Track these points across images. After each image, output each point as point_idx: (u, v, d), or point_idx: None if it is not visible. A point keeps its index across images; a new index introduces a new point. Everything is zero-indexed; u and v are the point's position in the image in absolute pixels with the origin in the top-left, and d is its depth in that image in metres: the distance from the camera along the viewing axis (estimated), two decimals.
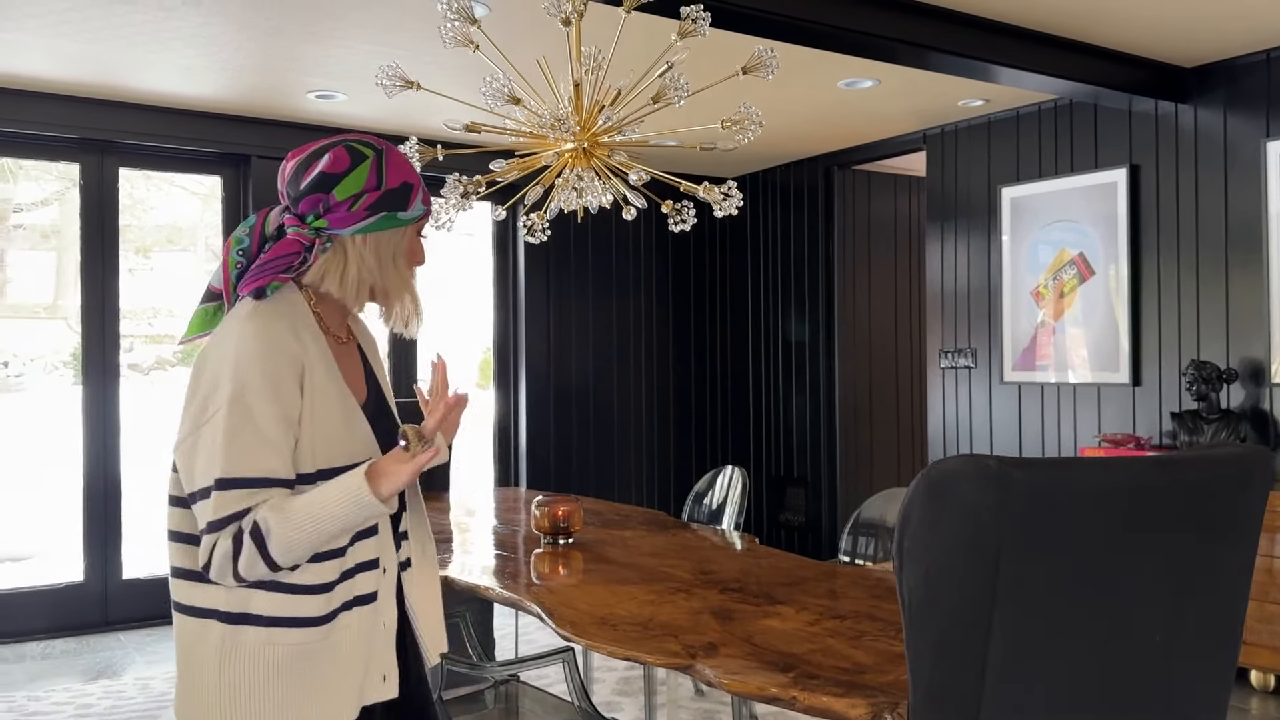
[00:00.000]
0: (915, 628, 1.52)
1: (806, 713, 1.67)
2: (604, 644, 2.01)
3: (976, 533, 1.43)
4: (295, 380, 1.49)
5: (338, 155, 1.52)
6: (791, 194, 6.55)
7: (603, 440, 6.54)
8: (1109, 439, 4.57)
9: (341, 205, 1.50)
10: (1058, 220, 5.05)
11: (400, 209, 1.55)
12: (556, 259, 6.36)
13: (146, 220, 9.30)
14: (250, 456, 1.43)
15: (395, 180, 1.53)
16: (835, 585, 2.48)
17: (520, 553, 2.99)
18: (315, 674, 1.50)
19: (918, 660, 1.53)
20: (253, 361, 1.45)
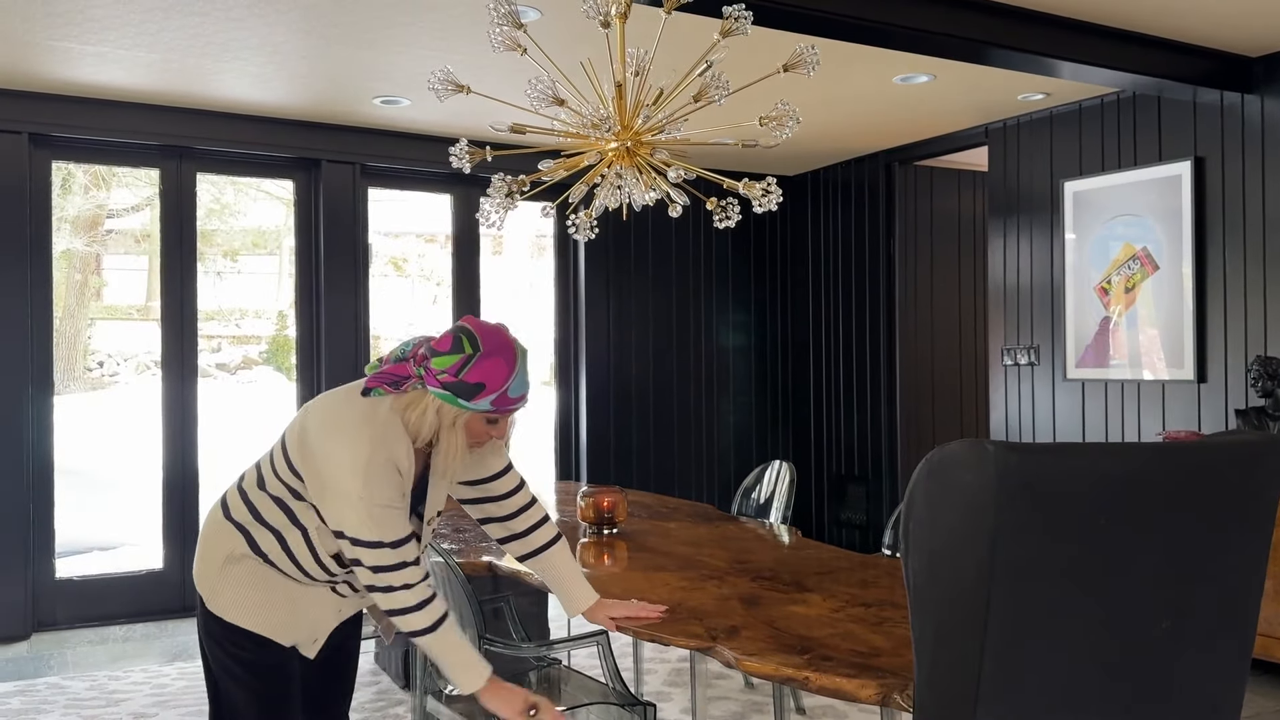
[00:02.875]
0: (919, 610, 1.55)
1: (819, 692, 1.71)
2: (629, 625, 2.07)
3: (974, 515, 1.46)
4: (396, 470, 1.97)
5: (447, 337, 1.96)
6: (853, 191, 6.53)
7: (662, 436, 6.60)
8: (1172, 436, 4.48)
9: (432, 371, 1.93)
10: (1122, 214, 4.96)
11: (465, 398, 1.93)
12: (616, 257, 6.45)
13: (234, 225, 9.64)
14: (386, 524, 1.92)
15: (472, 378, 1.92)
16: (868, 575, 2.50)
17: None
18: (282, 593, 2.02)
19: (922, 642, 1.56)
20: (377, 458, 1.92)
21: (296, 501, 1.97)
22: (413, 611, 1.92)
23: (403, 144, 5.67)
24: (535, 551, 2.25)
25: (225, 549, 2.02)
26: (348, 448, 1.90)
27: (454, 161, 3.13)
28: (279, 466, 1.99)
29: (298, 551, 1.99)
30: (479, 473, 2.22)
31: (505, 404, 1.95)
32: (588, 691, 2.58)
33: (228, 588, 2.01)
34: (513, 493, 2.24)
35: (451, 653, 1.95)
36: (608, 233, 6.36)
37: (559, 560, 2.26)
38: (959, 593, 1.49)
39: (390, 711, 3.81)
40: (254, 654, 2.01)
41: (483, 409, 1.95)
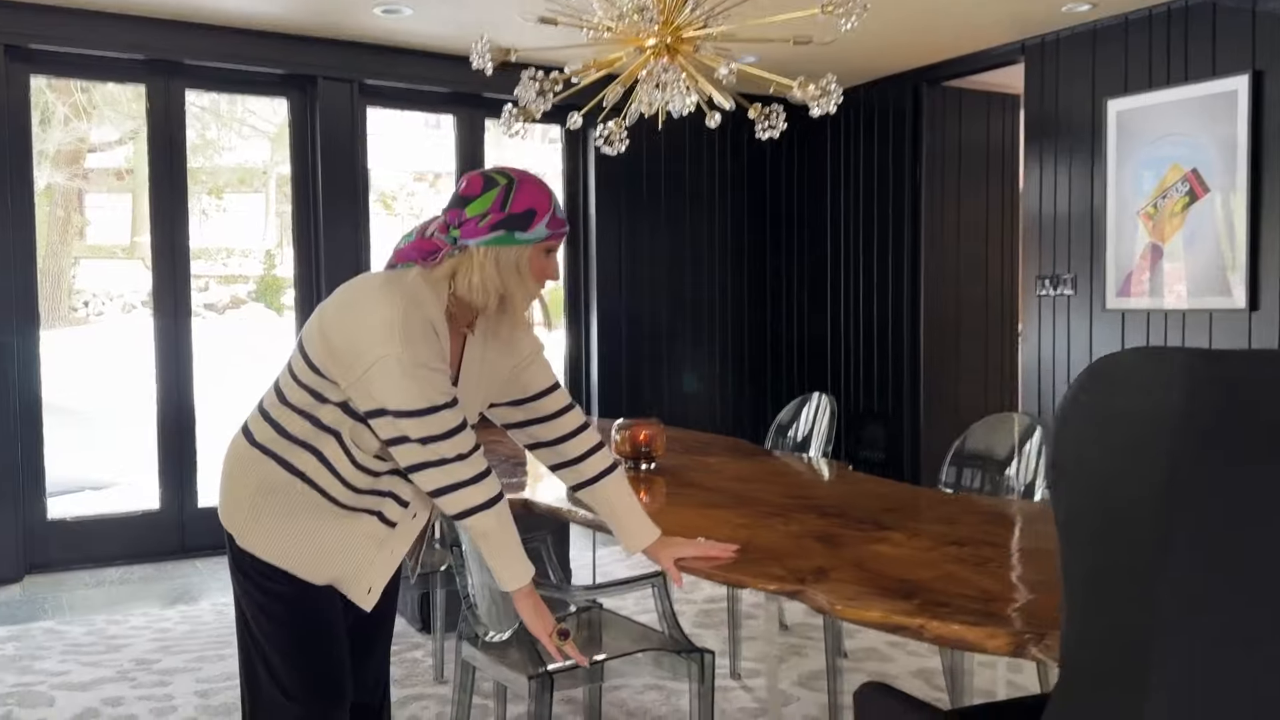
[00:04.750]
0: (1072, 548, 1.32)
1: (935, 642, 1.49)
2: (704, 567, 1.84)
3: (1152, 436, 1.22)
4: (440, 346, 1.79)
5: (473, 180, 1.80)
6: (876, 115, 6.22)
7: (676, 373, 6.37)
8: None
9: (470, 221, 1.76)
10: (1169, 134, 4.68)
11: (520, 229, 1.77)
12: (628, 191, 6.15)
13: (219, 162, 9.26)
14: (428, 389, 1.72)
15: (520, 206, 1.77)
16: (946, 512, 2.28)
17: None
18: (323, 522, 1.81)
19: (1073, 585, 1.33)
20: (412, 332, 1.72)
21: (322, 405, 1.77)
22: (468, 485, 1.74)
23: (404, 60, 5.33)
24: (589, 480, 2.03)
25: (255, 478, 1.82)
26: (377, 310, 1.72)
27: (475, 62, 2.84)
28: (299, 371, 1.79)
29: (336, 462, 1.79)
30: (523, 390, 2.00)
31: (558, 226, 1.82)
32: (635, 637, 2.36)
33: (262, 521, 1.81)
34: (562, 413, 2.03)
35: (502, 539, 1.80)
36: (619, 166, 6.06)
37: (616, 491, 2.02)
38: (1128, 527, 1.25)
39: (408, 655, 3.61)
40: (294, 590, 1.82)
41: (541, 237, 1.79)
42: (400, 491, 1.85)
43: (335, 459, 1.79)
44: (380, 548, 1.86)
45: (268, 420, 1.83)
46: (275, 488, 1.80)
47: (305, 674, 1.83)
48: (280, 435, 1.80)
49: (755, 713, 3.09)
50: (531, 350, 1.99)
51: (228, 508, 1.85)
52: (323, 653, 1.85)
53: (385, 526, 1.85)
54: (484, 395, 1.95)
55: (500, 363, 1.94)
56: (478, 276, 1.76)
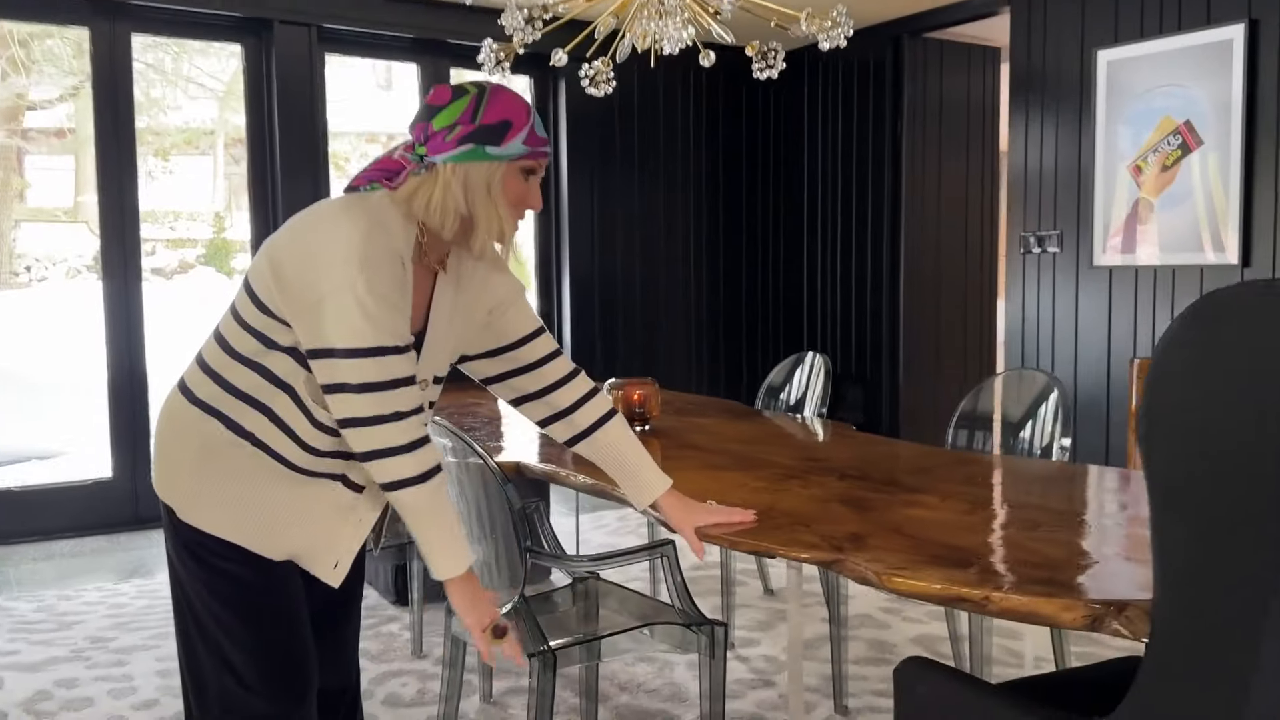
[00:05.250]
0: (1172, 509, 1.17)
1: (1002, 615, 1.34)
2: (726, 535, 1.68)
3: (1269, 379, 1.07)
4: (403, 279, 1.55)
5: (440, 90, 1.60)
6: (855, 67, 6.04)
7: (650, 336, 6.19)
8: None
9: (438, 135, 1.56)
10: (1161, 85, 4.56)
11: (493, 144, 1.56)
12: (601, 147, 5.93)
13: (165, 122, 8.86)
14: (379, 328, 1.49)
15: (493, 117, 1.56)
16: (971, 473, 2.14)
17: None
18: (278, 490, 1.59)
19: (1171, 553, 1.19)
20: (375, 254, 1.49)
21: (271, 353, 1.54)
22: (401, 453, 1.50)
23: (366, 2, 5.06)
24: (586, 431, 1.81)
25: (196, 441, 1.58)
26: (336, 231, 1.49)
27: None
28: (245, 313, 1.56)
29: (291, 422, 1.56)
30: (500, 337, 1.78)
31: (537, 143, 1.59)
32: (641, 609, 2.20)
33: (207, 490, 1.57)
34: (547, 360, 1.81)
35: (436, 521, 1.55)
36: (592, 120, 5.84)
37: (618, 438, 1.81)
38: (1239, 483, 1.11)
39: (383, 629, 3.43)
40: (248, 569, 1.58)
41: (517, 153, 1.57)
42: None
43: (290, 419, 1.56)
44: (346, 517, 1.64)
45: (209, 374, 1.59)
46: (220, 451, 1.57)
47: (266, 662, 1.60)
48: (225, 391, 1.57)
49: (752, 683, 2.95)
50: (510, 292, 1.77)
51: (165, 476, 1.61)
52: (284, 637, 1.63)
53: (351, 492, 1.63)
54: (455, 344, 1.73)
55: (475, 306, 1.72)
56: (439, 194, 1.55)
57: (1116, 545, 1.58)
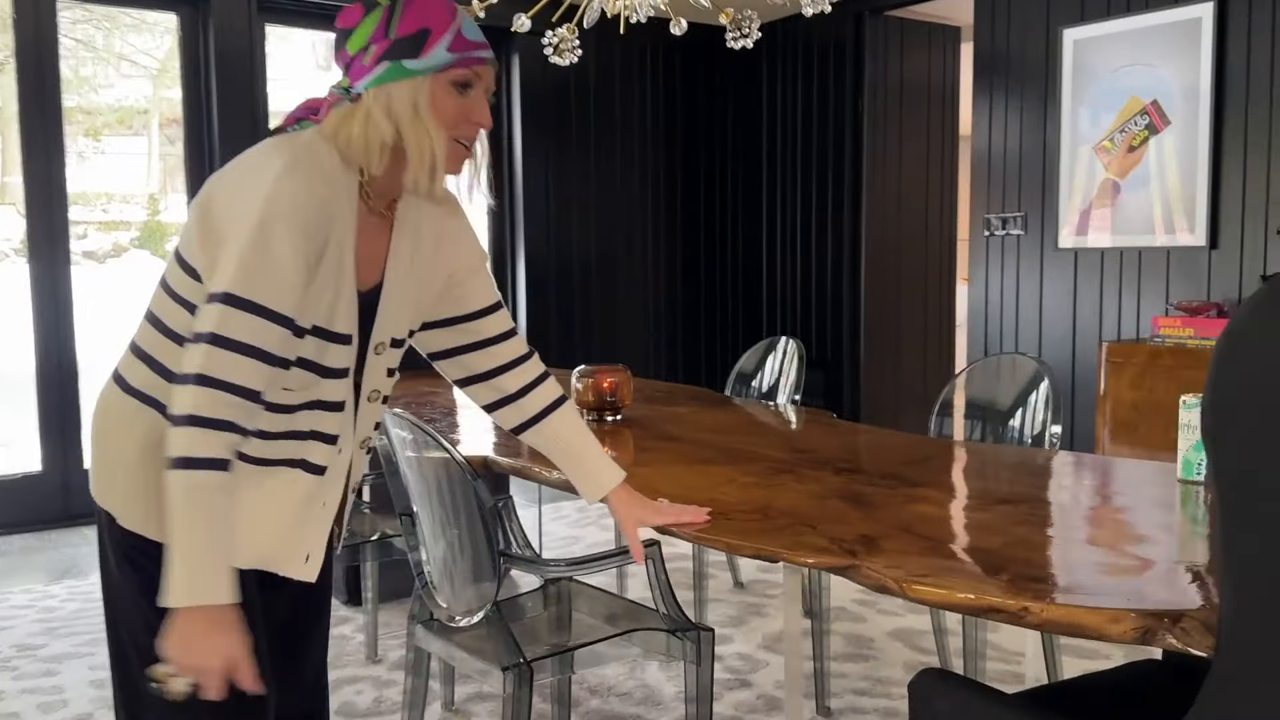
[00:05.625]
0: (1244, 509, 1.05)
1: (1041, 628, 1.21)
2: (722, 537, 1.54)
3: None
4: (324, 230, 1.34)
5: (350, 10, 1.41)
6: (816, 46, 5.92)
7: (608, 320, 6.03)
8: (1184, 306, 4.13)
9: (355, 60, 1.38)
10: (1129, 64, 4.50)
11: (410, 57, 1.35)
12: (557, 127, 5.74)
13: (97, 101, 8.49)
14: (266, 283, 1.29)
15: (408, 28, 1.36)
16: (971, 463, 2.02)
17: None
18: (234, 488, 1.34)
19: (1242, 557, 1.06)
20: (291, 198, 1.30)
21: None
22: (201, 426, 1.24)
23: None
24: (535, 418, 1.66)
25: (137, 436, 1.38)
26: (262, 163, 1.31)
27: None
28: (177, 284, 1.37)
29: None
30: (460, 307, 1.61)
31: (466, 47, 1.37)
32: (617, 613, 2.05)
33: (152, 489, 1.36)
34: (502, 339, 1.64)
35: (193, 526, 1.24)
36: (546, 97, 5.65)
37: (567, 426, 1.67)
38: None
39: (335, 632, 3.24)
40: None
41: (441, 62, 1.36)
42: (325, 426, 1.44)
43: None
44: (310, 503, 1.45)
45: (142, 358, 1.40)
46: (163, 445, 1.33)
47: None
48: (161, 376, 1.37)
49: (729, 684, 2.82)
50: (472, 258, 1.60)
51: (103, 479, 1.42)
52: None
53: (312, 477, 1.45)
54: (415, 309, 1.54)
55: (435, 266, 1.55)
56: (359, 125, 1.36)
57: (1153, 546, 1.46)
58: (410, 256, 1.49)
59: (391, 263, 1.46)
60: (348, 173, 1.37)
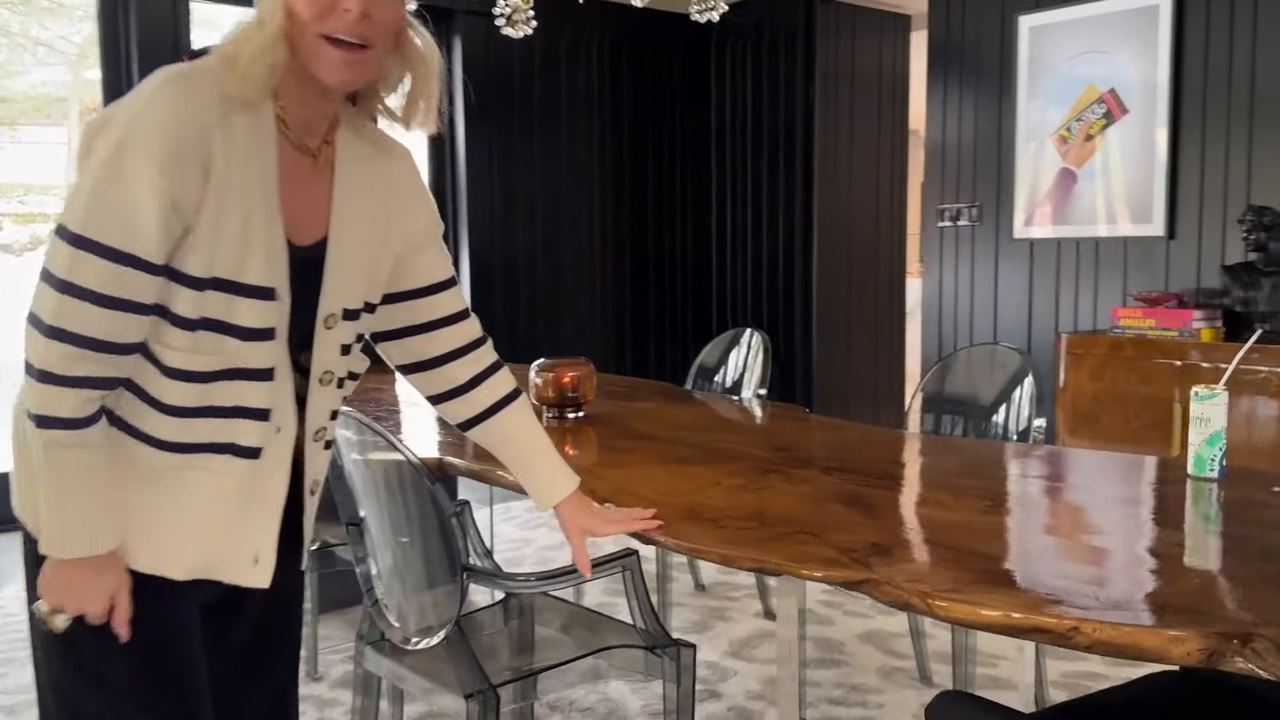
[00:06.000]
0: None
1: (1094, 650, 1.07)
2: (715, 548, 1.38)
3: None
4: (197, 162, 1.13)
5: None
6: (766, 33, 5.79)
7: (555, 314, 5.84)
8: (1144, 297, 4.08)
9: None
10: (1086, 52, 4.44)
11: None
12: (501, 115, 5.52)
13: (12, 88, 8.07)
14: (118, 223, 1.11)
15: None
16: (967, 462, 1.89)
17: None
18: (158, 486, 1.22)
19: None
20: (154, 122, 1.12)
21: None
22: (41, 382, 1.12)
23: None
24: (484, 414, 1.47)
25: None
26: (145, 84, 1.14)
27: None
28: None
29: (148, 383, 1.18)
30: (410, 279, 1.40)
31: None
32: (586, 628, 1.88)
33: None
34: (454, 320, 1.45)
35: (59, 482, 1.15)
36: (490, 83, 5.43)
37: (520, 425, 1.50)
38: None
39: None
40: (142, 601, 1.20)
41: None
42: (249, 398, 1.23)
43: (147, 380, 1.19)
44: (248, 493, 1.26)
45: None
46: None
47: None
48: None
49: (698, 695, 2.67)
50: (428, 224, 1.41)
51: (25, 491, 1.24)
52: (181, 691, 1.24)
53: (245, 461, 1.24)
54: (369, 274, 1.33)
55: (387, 223, 1.34)
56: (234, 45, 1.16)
57: (1195, 553, 1.34)
58: (359, 209, 1.29)
59: (337, 213, 1.27)
60: (258, 99, 1.17)
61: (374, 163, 1.32)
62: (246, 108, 1.17)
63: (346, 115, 1.30)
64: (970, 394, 2.46)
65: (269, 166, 1.19)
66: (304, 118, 1.23)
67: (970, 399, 2.46)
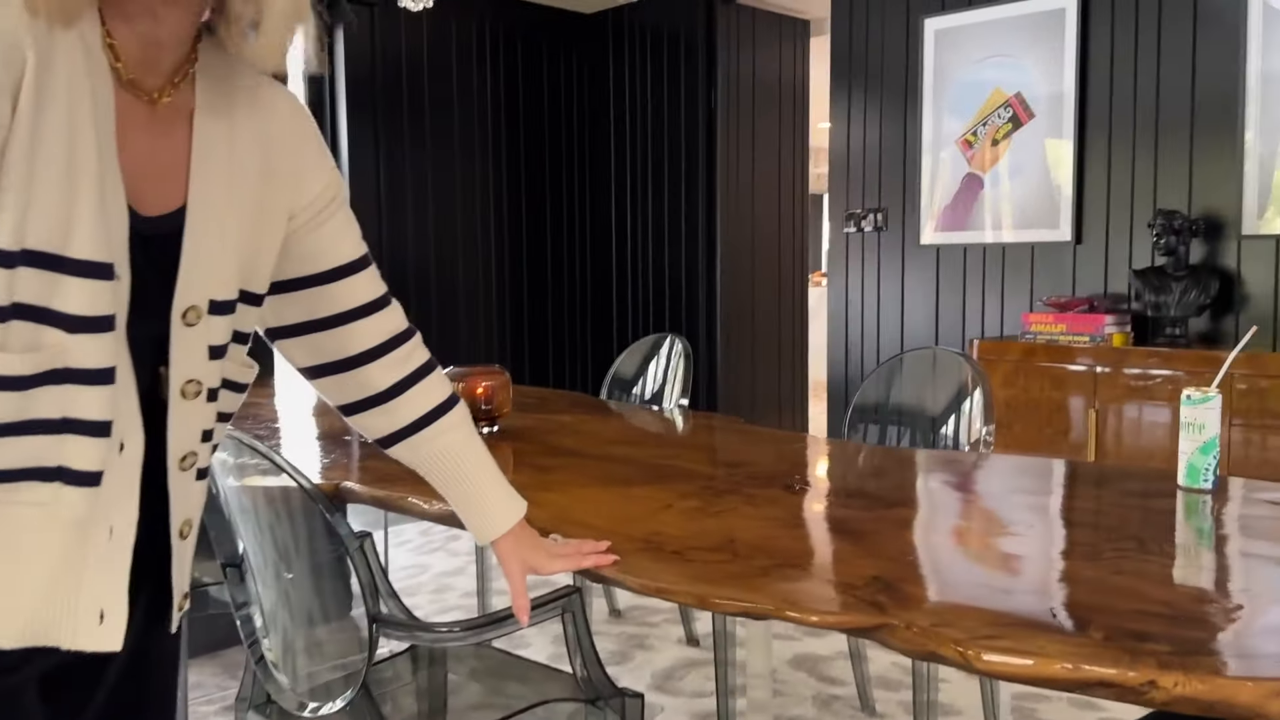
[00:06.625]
0: None
1: (1171, 706, 0.88)
2: (686, 586, 1.14)
3: None
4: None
5: None
6: (666, 35, 5.62)
7: (447, 323, 5.53)
8: (1054, 302, 4.04)
9: None
10: (992, 55, 4.40)
11: None
12: (387, 110, 5.20)
13: None
14: None
15: None
16: (936, 475, 1.70)
17: None
18: None
19: None
20: None
21: None
22: None
23: None
24: (412, 427, 1.20)
25: None
26: None
27: None
28: None
29: None
30: (309, 261, 1.11)
31: None
32: (511, 677, 1.62)
33: None
34: (369, 310, 1.17)
35: None
36: (375, 82, 5.11)
37: (457, 443, 1.22)
38: None
39: None
40: None
41: None
42: (81, 408, 0.92)
43: None
44: (84, 531, 0.94)
45: None
46: None
47: None
48: None
49: None
50: (327, 188, 1.11)
51: None
52: None
53: (78, 490, 0.93)
54: (245, 254, 1.02)
55: (268, 189, 1.04)
56: None
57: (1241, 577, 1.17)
58: (228, 172, 1.00)
59: (198, 177, 0.97)
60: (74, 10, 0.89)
61: (247, 114, 1.02)
62: (64, 23, 0.87)
63: (208, 55, 1.00)
64: (915, 402, 2.30)
65: (104, 108, 0.90)
66: (138, 49, 0.93)
67: (913, 405, 2.30)
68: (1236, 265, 3.78)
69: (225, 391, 1.05)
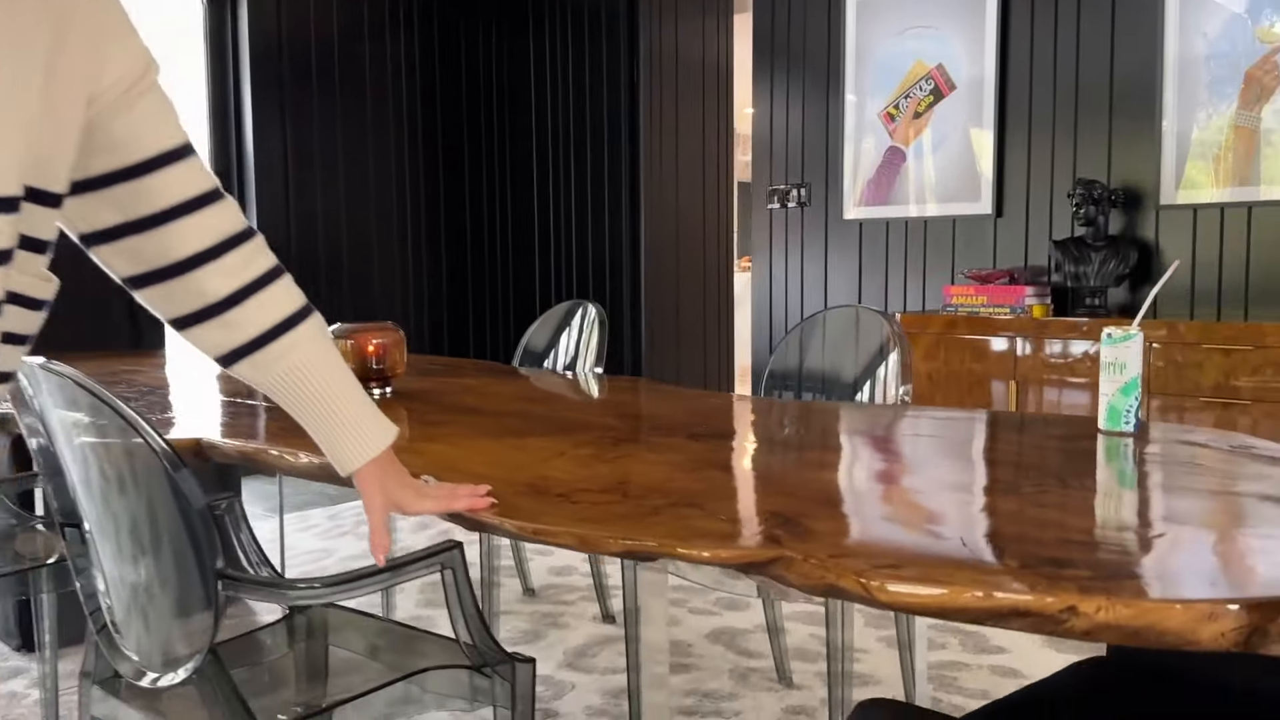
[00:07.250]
0: None
1: (1092, 635, 0.79)
2: (569, 527, 1.03)
3: None
4: None
5: None
6: (586, 11, 5.49)
7: (360, 301, 5.33)
8: (975, 275, 4.01)
9: None
10: (913, 27, 4.36)
11: None
12: (294, 80, 4.98)
13: None
14: None
15: None
16: (858, 423, 1.61)
17: None
18: None
19: None
20: None
21: None
22: None
23: None
24: (255, 342, 1.05)
25: None
26: None
27: None
28: None
29: None
30: (114, 153, 0.94)
31: None
32: (395, 647, 1.49)
33: None
34: (196, 206, 0.99)
35: None
36: (281, 58, 4.90)
37: (312, 357, 1.08)
38: None
39: (3, 689, 2.45)
40: None
41: None
42: None
43: None
44: None
45: None
46: None
47: None
48: None
49: (544, 714, 2.31)
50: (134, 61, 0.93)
51: None
52: None
53: None
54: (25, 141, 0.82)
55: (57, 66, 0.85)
56: None
57: (1163, 507, 1.10)
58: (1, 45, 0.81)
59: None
60: None
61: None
62: None
63: None
64: (832, 365, 2.21)
65: None
66: None
67: (832, 370, 2.21)
68: (1155, 235, 3.78)
69: (12, 307, 0.89)
